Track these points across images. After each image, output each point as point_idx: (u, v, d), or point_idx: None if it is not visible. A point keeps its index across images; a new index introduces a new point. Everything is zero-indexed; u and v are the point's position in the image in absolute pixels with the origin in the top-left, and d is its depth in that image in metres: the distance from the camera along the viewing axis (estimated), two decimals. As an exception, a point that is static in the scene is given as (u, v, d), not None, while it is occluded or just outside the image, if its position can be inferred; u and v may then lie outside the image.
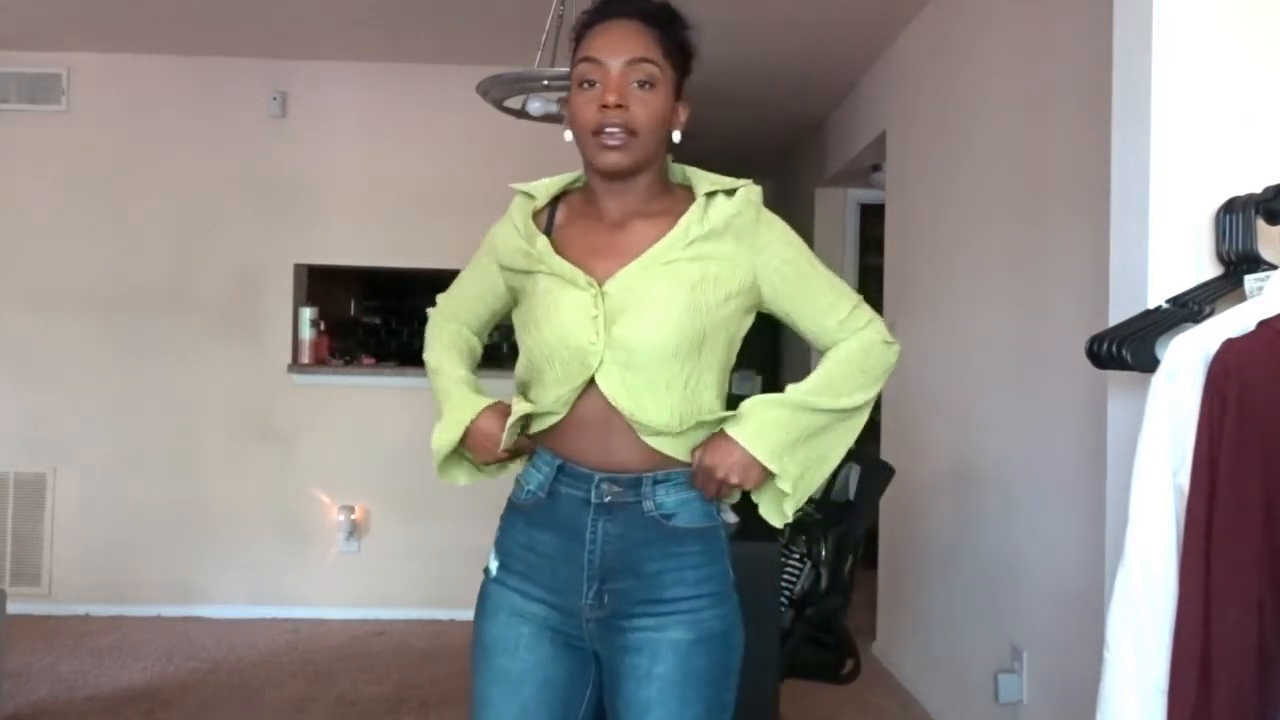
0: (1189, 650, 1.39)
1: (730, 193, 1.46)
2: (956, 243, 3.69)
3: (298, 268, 4.93)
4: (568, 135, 1.49)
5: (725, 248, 1.44)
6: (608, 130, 1.40)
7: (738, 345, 1.52)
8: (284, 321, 4.88)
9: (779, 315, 1.52)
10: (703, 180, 1.49)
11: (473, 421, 1.52)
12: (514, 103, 3.12)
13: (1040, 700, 2.92)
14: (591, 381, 1.42)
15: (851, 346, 1.49)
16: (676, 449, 1.44)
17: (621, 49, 1.41)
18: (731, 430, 1.43)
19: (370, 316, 7.73)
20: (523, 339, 1.49)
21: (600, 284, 1.42)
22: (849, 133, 5.27)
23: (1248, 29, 1.70)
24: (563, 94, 3.05)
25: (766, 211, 1.49)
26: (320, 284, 5.21)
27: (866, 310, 1.52)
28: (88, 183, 4.85)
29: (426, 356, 1.66)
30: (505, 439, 1.49)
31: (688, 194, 1.51)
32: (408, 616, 4.76)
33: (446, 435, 1.54)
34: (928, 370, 3.98)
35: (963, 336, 3.62)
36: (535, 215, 1.53)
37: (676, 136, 1.48)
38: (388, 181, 4.92)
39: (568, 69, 1.51)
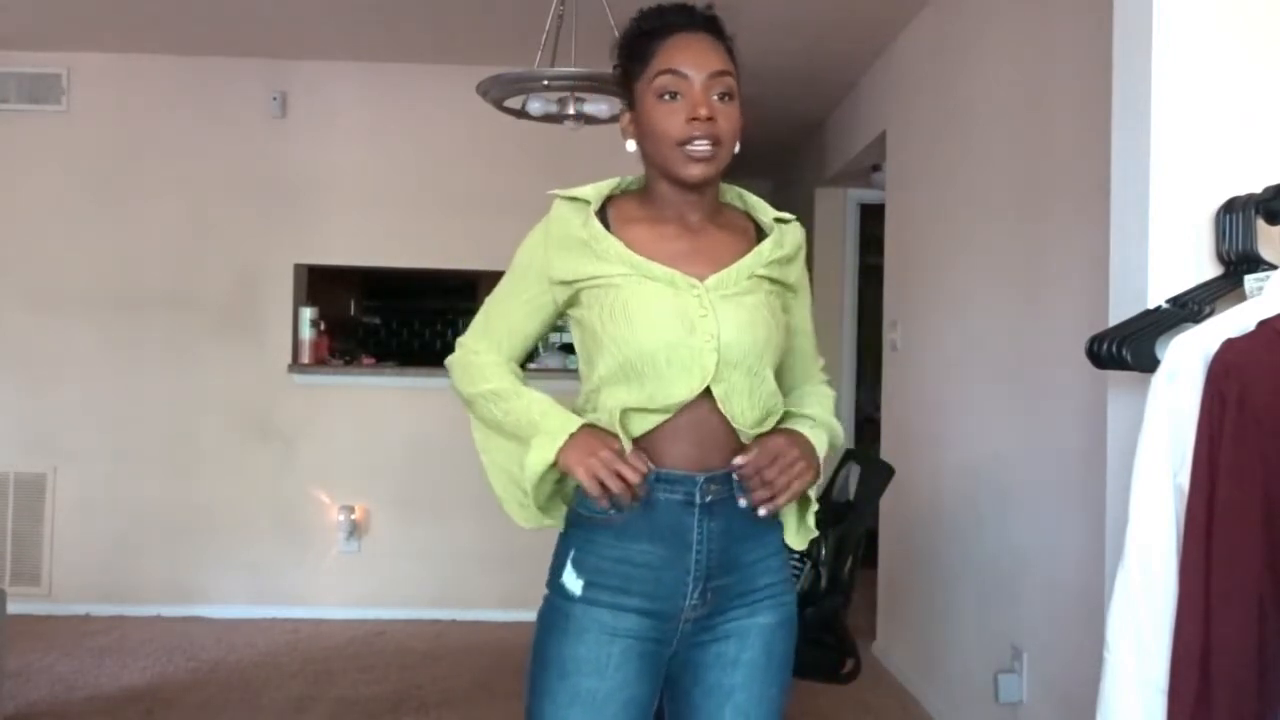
0: (1189, 650, 1.39)
1: (785, 223, 1.57)
2: (956, 243, 3.69)
3: (298, 268, 4.93)
4: (630, 146, 1.53)
5: (786, 272, 1.54)
6: (697, 144, 1.43)
7: None
8: (284, 321, 4.88)
9: None
10: (765, 208, 1.58)
11: (576, 433, 1.44)
12: (514, 103, 3.12)
13: (1040, 700, 2.92)
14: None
15: (822, 393, 1.65)
16: None
17: (705, 62, 1.45)
18: (806, 432, 1.52)
19: (370, 316, 7.74)
20: (607, 343, 1.45)
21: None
22: (849, 133, 5.27)
23: (1248, 29, 1.70)
24: (563, 94, 3.05)
25: None
26: (320, 284, 5.21)
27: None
28: (88, 183, 4.85)
29: (477, 388, 1.55)
30: (625, 440, 1.43)
31: (741, 211, 1.59)
32: (408, 616, 4.77)
33: (543, 453, 1.44)
34: (928, 370, 3.98)
35: (963, 336, 3.62)
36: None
37: (736, 147, 1.52)
38: (388, 181, 4.92)
39: (568, 69, 1.53)
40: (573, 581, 1.47)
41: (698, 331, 1.42)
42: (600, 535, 1.47)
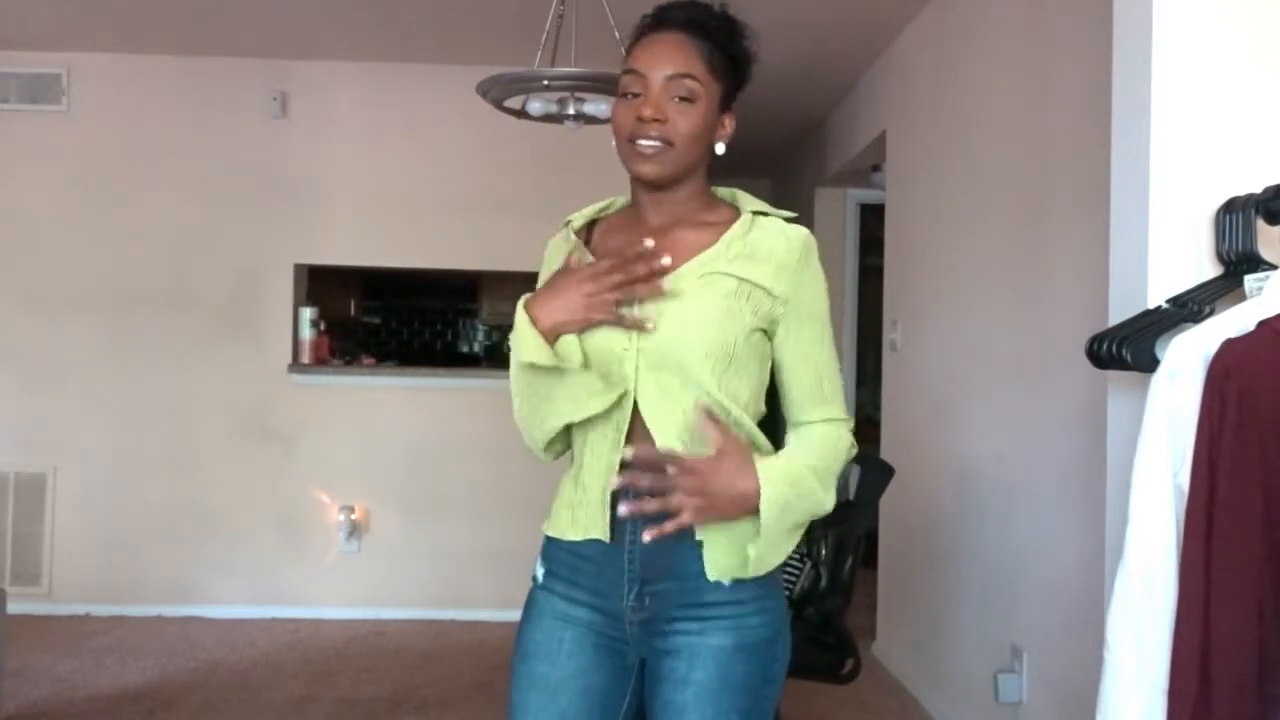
0: (1189, 650, 1.39)
1: (780, 221, 1.48)
2: (956, 243, 3.69)
3: (298, 268, 4.93)
4: (613, 143, 1.50)
5: (762, 272, 1.44)
6: (642, 141, 1.42)
7: (767, 368, 1.49)
8: (284, 321, 4.88)
9: (774, 359, 1.49)
10: (751, 201, 1.52)
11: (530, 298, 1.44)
12: (514, 103, 3.12)
13: (1040, 700, 2.92)
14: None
15: (830, 436, 1.47)
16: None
17: (663, 63, 1.42)
18: (764, 466, 1.37)
19: (370, 316, 7.74)
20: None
21: None
22: (849, 133, 5.27)
23: (1248, 29, 1.70)
24: (563, 94, 3.06)
25: (817, 262, 1.50)
26: (320, 284, 5.21)
27: (845, 408, 1.51)
28: (88, 183, 4.85)
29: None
30: (573, 254, 1.45)
31: (735, 211, 1.51)
32: (408, 616, 4.77)
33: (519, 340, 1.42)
34: (928, 370, 3.98)
35: (963, 336, 3.62)
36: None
37: (720, 149, 1.49)
38: (387, 181, 4.92)
39: (568, 69, 1.52)
40: (539, 569, 1.53)
41: (619, 338, 1.41)
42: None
